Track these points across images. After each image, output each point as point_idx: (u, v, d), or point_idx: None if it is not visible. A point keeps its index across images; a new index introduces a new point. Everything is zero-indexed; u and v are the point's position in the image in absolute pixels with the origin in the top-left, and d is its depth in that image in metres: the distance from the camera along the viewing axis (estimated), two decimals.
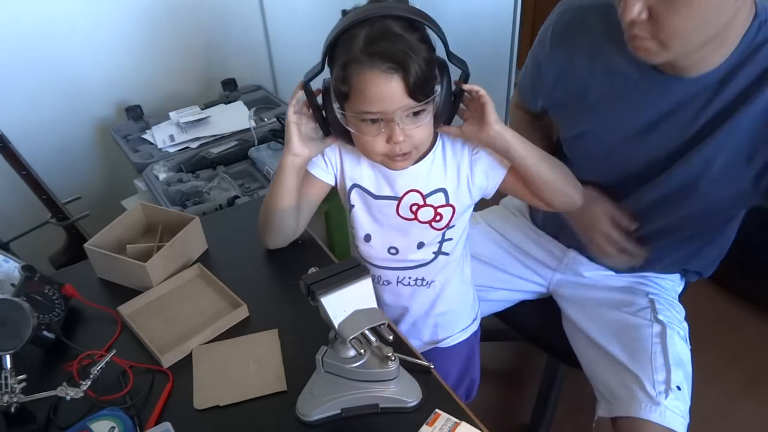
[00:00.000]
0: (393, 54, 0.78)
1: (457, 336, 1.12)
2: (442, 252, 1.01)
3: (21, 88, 1.51)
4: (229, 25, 1.70)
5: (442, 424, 0.73)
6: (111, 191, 1.71)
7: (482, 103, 0.86)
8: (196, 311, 0.99)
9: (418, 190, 0.95)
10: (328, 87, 0.87)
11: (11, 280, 0.98)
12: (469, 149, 0.94)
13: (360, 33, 0.79)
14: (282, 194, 0.97)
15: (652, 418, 0.97)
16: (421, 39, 0.81)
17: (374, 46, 0.78)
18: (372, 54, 0.78)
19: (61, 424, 0.82)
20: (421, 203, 0.95)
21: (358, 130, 0.86)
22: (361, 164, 0.96)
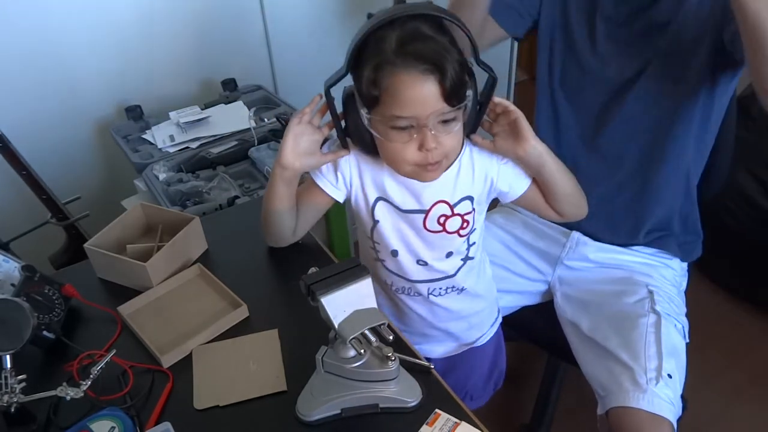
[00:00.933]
0: (428, 55, 0.75)
1: (488, 333, 1.13)
2: (469, 257, 1.00)
3: (21, 88, 1.51)
4: (229, 25, 1.70)
5: (442, 424, 0.73)
6: (111, 191, 1.71)
7: (514, 119, 0.85)
8: (196, 311, 0.99)
9: (446, 201, 0.92)
10: (351, 94, 0.84)
11: (11, 280, 0.98)
12: (497, 157, 0.92)
13: (390, 35, 0.76)
14: (273, 200, 0.96)
15: (640, 406, 0.98)
16: (450, 41, 0.78)
17: (407, 46, 0.75)
18: (406, 54, 0.75)
19: (61, 424, 0.82)
20: (449, 214, 0.93)
21: (387, 138, 0.82)
22: (384, 177, 0.92)
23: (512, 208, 1.38)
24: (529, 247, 1.31)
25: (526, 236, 1.32)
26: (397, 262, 0.99)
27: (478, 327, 1.11)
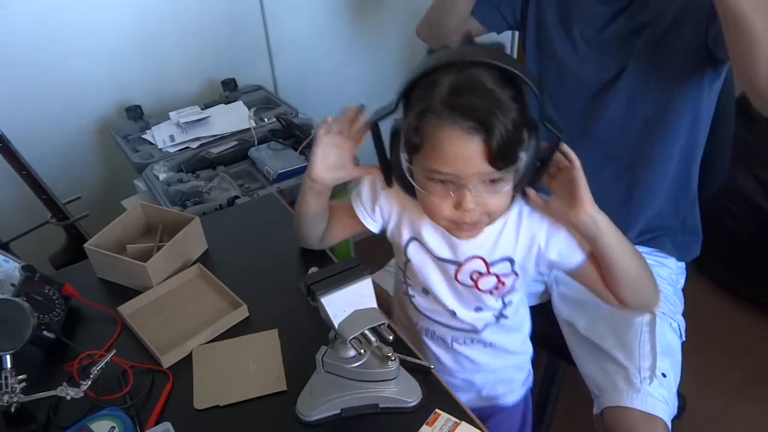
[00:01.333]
0: (478, 111, 0.67)
1: (517, 391, 1.05)
2: (502, 316, 0.93)
3: (21, 88, 1.51)
4: (229, 25, 1.70)
5: (442, 424, 0.73)
6: (111, 191, 1.71)
7: (572, 177, 0.75)
8: (196, 311, 0.99)
9: (483, 258, 0.85)
10: (398, 131, 0.77)
11: (11, 280, 0.98)
12: (549, 221, 0.83)
13: (444, 79, 0.69)
14: (303, 207, 0.95)
15: (633, 405, 0.98)
16: (513, 96, 0.69)
17: (458, 97, 0.68)
18: (454, 106, 0.68)
19: (61, 424, 0.82)
20: (484, 271, 0.86)
21: (424, 188, 0.76)
22: (423, 220, 0.86)
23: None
24: None
25: None
26: (425, 302, 0.95)
27: (505, 383, 1.03)
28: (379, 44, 1.95)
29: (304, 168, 1.41)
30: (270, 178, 1.40)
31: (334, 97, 1.96)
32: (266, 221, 1.22)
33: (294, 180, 1.39)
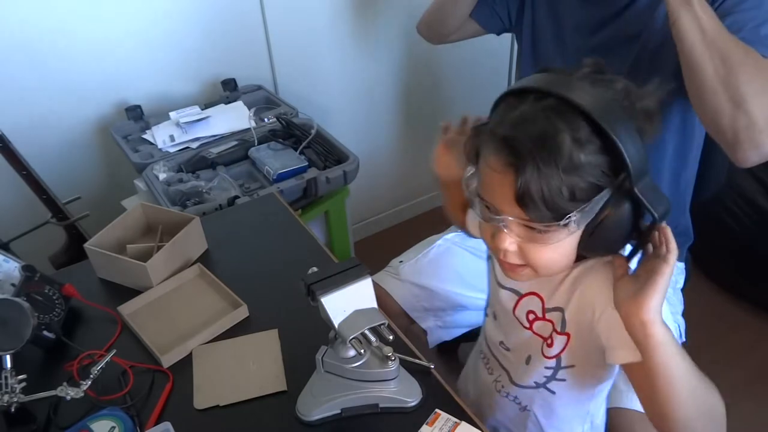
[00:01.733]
0: (518, 147, 0.61)
1: None
2: (546, 387, 0.84)
3: (21, 88, 1.51)
4: (229, 25, 1.69)
5: (442, 424, 0.73)
6: (111, 191, 1.71)
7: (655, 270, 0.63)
8: (196, 311, 0.99)
9: (540, 296, 0.78)
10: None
11: (11, 280, 0.98)
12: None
13: (517, 104, 0.64)
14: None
15: (633, 406, 0.98)
16: (591, 149, 0.60)
17: (509, 125, 0.63)
18: (499, 136, 0.63)
19: (61, 424, 0.82)
20: (540, 315, 0.79)
21: (472, 205, 0.72)
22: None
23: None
24: None
25: None
26: (492, 324, 0.89)
27: None
28: (380, 44, 1.95)
29: (304, 168, 1.43)
30: (270, 178, 1.40)
31: (334, 97, 1.96)
32: (266, 221, 1.22)
33: (294, 180, 1.39)
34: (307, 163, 1.44)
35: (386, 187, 2.32)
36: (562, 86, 0.62)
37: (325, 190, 1.44)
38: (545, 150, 0.60)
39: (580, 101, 0.60)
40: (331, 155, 1.47)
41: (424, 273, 1.27)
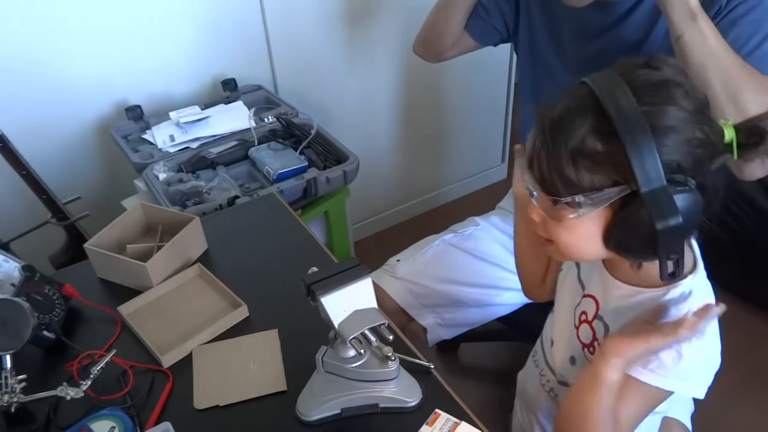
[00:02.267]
0: (544, 119, 0.66)
1: None
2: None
3: (21, 88, 1.51)
4: (229, 25, 1.69)
5: (442, 424, 0.73)
6: (111, 191, 1.70)
7: (659, 327, 0.67)
8: (196, 311, 0.99)
9: (597, 300, 0.80)
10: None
11: (11, 280, 0.98)
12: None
13: (577, 90, 0.67)
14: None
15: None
16: (613, 145, 0.62)
17: (553, 104, 0.67)
18: (539, 111, 0.68)
19: (61, 424, 0.82)
20: (591, 317, 0.81)
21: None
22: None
23: (509, 211, 1.39)
24: None
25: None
26: (549, 318, 0.91)
27: None
28: (380, 44, 1.95)
29: (304, 168, 1.42)
30: (270, 178, 1.40)
31: (334, 97, 1.96)
32: (266, 221, 1.22)
33: (294, 180, 1.39)
34: (307, 163, 1.44)
35: (386, 187, 2.32)
36: (611, 84, 0.64)
37: (325, 190, 1.44)
38: (560, 127, 0.64)
39: (609, 102, 0.62)
40: (331, 155, 1.47)
41: (422, 272, 1.27)
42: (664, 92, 0.64)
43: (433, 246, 1.31)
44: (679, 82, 0.64)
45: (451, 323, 1.30)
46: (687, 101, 0.63)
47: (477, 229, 1.34)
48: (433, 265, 1.28)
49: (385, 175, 2.28)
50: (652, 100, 0.63)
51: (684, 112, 0.63)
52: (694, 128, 0.63)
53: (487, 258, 1.30)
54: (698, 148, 0.63)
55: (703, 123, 0.64)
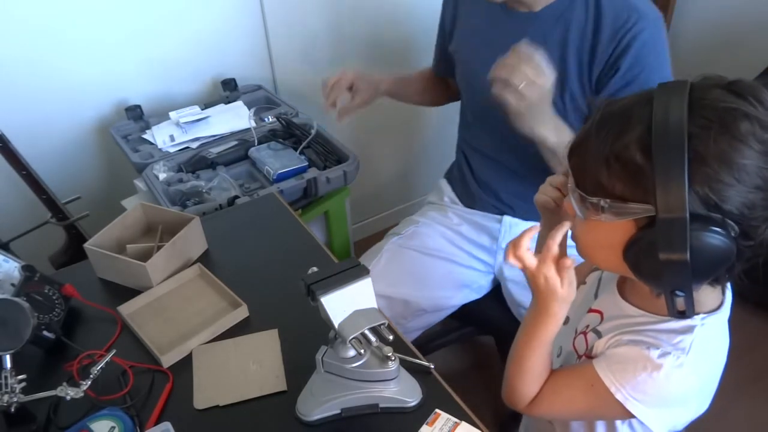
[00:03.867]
0: (609, 112, 0.63)
1: None
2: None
3: (21, 88, 1.51)
4: (229, 25, 1.69)
5: (442, 424, 0.73)
6: (111, 191, 1.70)
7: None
8: (196, 311, 0.99)
9: (602, 315, 0.80)
10: None
11: (11, 280, 0.98)
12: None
13: (646, 93, 0.63)
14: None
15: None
16: (645, 160, 0.58)
17: (614, 100, 0.65)
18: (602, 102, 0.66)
19: (61, 424, 0.82)
20: (590, 328, 0.80)
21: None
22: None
23: (439, 203, 1.44)
24: (469, 239, 1.35)
25: (463, 227, 1.36)
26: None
27: None
28: (380, 43, 1.95)
29: (304, 168, 1.42)
30: (270, 178, 1.40)
31: None
32: (266, 221, 1.22)
33: (294, 180, 1.39)
34: (307, 163, 1.44)
35: (386, 187, 2.32)
36: (673, 94, 0.59)
37: (325, 190, 1.44)
38: (611, 124, 0.61)
39: (658, 113, 0.58)
40: (331, 155, 1.47)
41: (379, 281, 1.27)
42: (727, 118, 0.57)
43: (383, 252, 1.33)
44: (751, 114, 0.57)
45: (409, 330, 1.31)
46: (754, 137, 0.57)
47: (418, 227, 1.38)
48: (389, 271, 1.30)
49: (386, 175, 2.28)
50: (707, 123, 0.57)
51: (745, 146, 0.56)
52: (754, 170, 0.57)
53: (435, 253, 1.33)
54: (751, 193, 0.57)
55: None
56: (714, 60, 2.11)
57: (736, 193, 0.57)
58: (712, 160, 0.56)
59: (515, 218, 1.31)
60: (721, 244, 0.58)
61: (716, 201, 0.57)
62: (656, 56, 1.07)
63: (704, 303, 0.70)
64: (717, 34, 2.09)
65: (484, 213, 1.35)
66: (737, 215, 0.58)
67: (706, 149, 0.56)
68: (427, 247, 1.33)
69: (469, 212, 1.38)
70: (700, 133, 0.56)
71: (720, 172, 0.56)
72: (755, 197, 0.57)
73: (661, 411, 0.71)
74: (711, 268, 0.62)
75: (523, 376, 0.78)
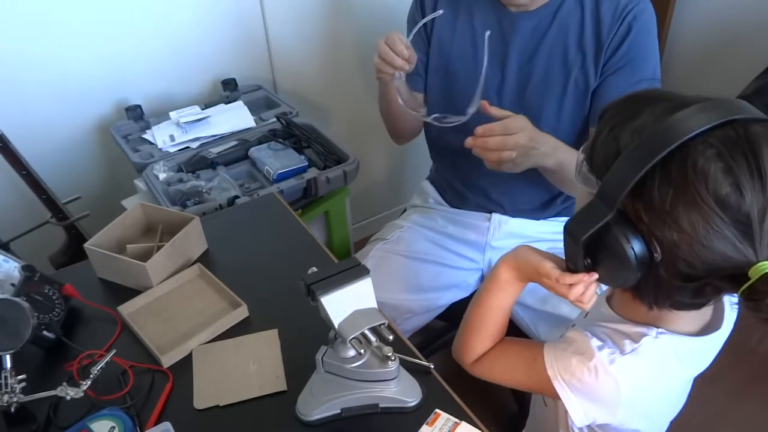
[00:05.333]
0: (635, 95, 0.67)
1: None
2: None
3: (21, 88, 1.51)
4: (229, 25, 1.69)
5: (442, 424, 0.73)
6: (111, 191, 1.70)
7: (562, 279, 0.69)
8: (196, 311, 0.99)
9: (586, 314, 0.85)
10: None
11: (11, 280, 0.98)
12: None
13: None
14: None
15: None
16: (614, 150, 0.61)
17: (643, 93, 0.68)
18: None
19: (61, 424, 0.82)
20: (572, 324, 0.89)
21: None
22: None
23: (423, 206, 1.43)
24: (456, 239, 1.35)
25: (449, 228, 1.36)
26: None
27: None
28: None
29: (304, 168, 1.43)
30: (270, 178, 1.40)
31: (334, 97, 1.96)
32: (266, 221, 1.22)
33: (294, 180, 1.39)
34: (307, 163, 1.44)
35: (386, 187, 2.32)
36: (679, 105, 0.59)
37: (325, 190, 1.44)
38: (625, 106, 0.64)
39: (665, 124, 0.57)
40: (331, 155, 1.47)
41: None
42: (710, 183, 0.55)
43: (369, 258, 1.33)
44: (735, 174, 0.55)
45: (402, 332, 1.31)
46: (724, 172, 0.55)
47: (402, 231, 1.37)
48: (376, 276, 1.28)
49: (386, 174, 2.28)
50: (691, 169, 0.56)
51: (704, 179, 0.55)
52: (702, 205, 0.55)
53: (423, 257, 1.33)
54: (697, 229, 0.56)
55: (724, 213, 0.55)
56: (714, 60, 2.11)
57: (672, 234, 0.57)
58: (673, 174, 0.56)
59: (504, 215, 1.32)
60: (616, 250, 0.59)
61: (648, 224, 0.58)
62: (653, 39, 1.09)
63: (668, 320, 0.70)
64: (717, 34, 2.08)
65: (472, 212, 1.35)
66: (666, 247, 0.58)
67: (678, 164, 0.56)
68: (413, 251, 1.33)
69: (457, 212, 1.38)
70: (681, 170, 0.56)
71: (671, 191, 0.56)
72: (696, 227, 0.56)
73: (584, 402, 0.72)
74: (614, 270, 0.62)
75: (474, 332, 0.82)
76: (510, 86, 1.18)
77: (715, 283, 0.60)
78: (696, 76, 2.13)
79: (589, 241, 0.62)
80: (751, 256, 0.56)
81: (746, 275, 0.56)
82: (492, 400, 1.71)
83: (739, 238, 0.56)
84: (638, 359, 0.69)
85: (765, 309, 0.56)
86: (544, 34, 1.12)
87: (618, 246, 0.59)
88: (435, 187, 1.45)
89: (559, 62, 1.12)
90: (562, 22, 1.11)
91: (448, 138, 1.30)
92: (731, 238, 0.56)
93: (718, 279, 0.59)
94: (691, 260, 0.58)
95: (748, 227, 0.56)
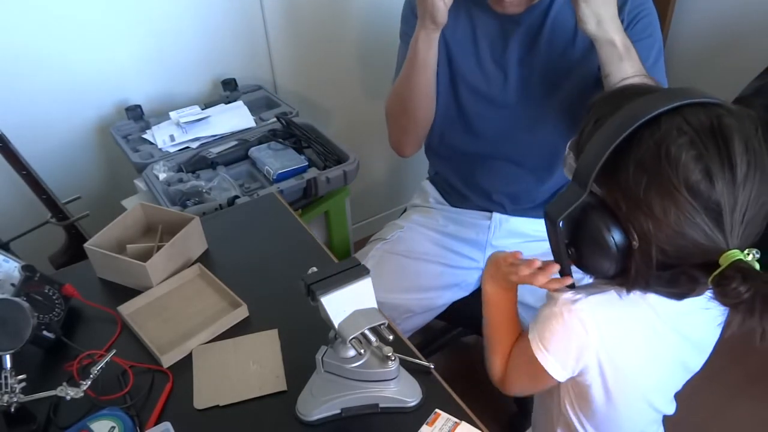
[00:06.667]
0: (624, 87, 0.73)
1: None
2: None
3: (21, 88, 1.51)
4: (229, 25, 1.69)
5: (442, 424, 0.73)
6: (111, 191, 1.71)
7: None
8: (196, 311, 0.99)
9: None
10: None
11: (11, 280, 0.98)
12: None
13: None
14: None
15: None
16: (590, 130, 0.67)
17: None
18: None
19: (61, 424, 0.82)
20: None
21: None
22: None
23: (424, 206, 1.43)
24: (456, 238, 1.35)
25: (450, 227, 1.35)
26: None
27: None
28: (380, 43, 1.95)
29: (304, 168, 1.43)
30: (270, 178, 1.40)
31: (334, 97, 1.96)
32: (266, 221, 1.22)
33: (294, 180, 1.39)
34: (307, 163, 1.44)
35: (386, 187, 2.32)
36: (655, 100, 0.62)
37: (325, 190, 1.44)
38: (612, 94, 0.70)
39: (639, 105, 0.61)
40: (331, 155, 1.47)
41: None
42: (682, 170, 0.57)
43: (369, 258, 1.32)
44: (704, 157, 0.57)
45: (401, 332, 1.31)
46: (695, 160, 0.57)
47: (403, 232, 1.37)
48: (376, 276, 1.29)
49: (386, 174, 2.28)
50: (664, 124, 0.59)
51: (675, 166, 0.57)
52: (674, 192, 0.58)
53: (423, 257, 1.32)
54: (669, 215, 0.58)
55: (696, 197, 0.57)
56: (714, 60, 2.11)
57: (647, 221, 0.60)
58: (645, 157, 0.60)
59: (505, 215, 1.32)
60: (607, 240, 0.62)
61: (626, 212, 0.61)
62: (652, 27, 1.08)
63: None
64: (717, 34, 2.08)
65: (472, 211, 1.35)
66: (641, 234, 0.61)
67: (642, 148, 0.60)
68: (414, 251, 1.33)
69: (457, 211, 1.38)
70: (649, 129, 0.60)
71: (645, 176, 0.59)
72: (663, 212, 0.59)
73: (558, 353, 0.74)
74: (596, 259, 0.65)
75: (491, 351, 0.87)
76: (513, 81, 1.17)
77: (689, 272, 0.61)
78: (696, 76, 2.13)
79: (571, 231, 0.65)
80: (722, 243, 0.58)
81: (717, 263, 0.58)
82: (492, 400, 1.71)
83: (710, 226, 0.58)
84: (604, 298, 0.70)
85: (731, 294, 0.57)
86: (541, 25, 1.11)
87: (599, 235, 0.62)
88: (435, 187, 1.45)
89: (559, 52, 1.12)
90: (559, 10, 1.10)
91: (451, 139, 1.30)
92: (702, 225, 0.58)
93: (691, 267, 0.61)
94: (665, 247, 0.60)
95: (719, 215, 0.58)
